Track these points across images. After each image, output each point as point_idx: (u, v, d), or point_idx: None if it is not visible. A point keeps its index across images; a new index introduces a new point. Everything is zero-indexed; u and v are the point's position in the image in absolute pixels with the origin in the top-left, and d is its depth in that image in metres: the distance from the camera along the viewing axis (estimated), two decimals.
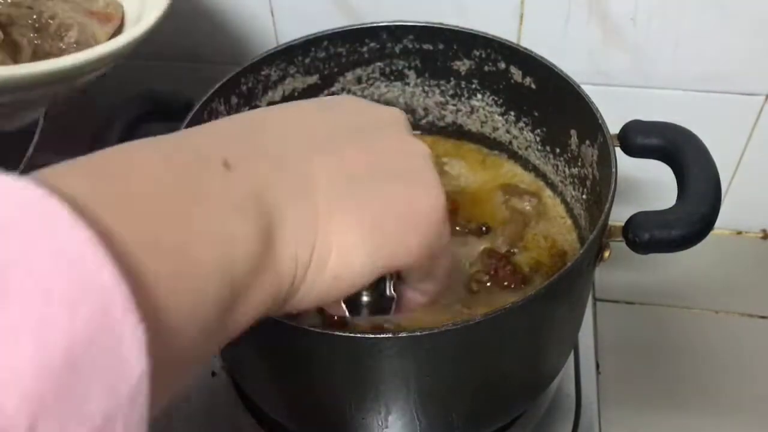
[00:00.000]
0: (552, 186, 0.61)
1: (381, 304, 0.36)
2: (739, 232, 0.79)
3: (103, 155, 0.24)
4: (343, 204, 0.28)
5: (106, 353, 0.17)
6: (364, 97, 0.64)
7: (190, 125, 0.52)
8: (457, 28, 0.58)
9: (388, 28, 0.59)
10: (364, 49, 0.60)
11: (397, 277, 0.36)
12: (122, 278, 0.18)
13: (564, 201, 0.60)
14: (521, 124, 0.61)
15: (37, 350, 0.15)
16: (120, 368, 0.17)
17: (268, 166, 0.27)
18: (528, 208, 0.59)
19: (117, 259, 0.18)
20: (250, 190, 0.26)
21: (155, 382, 0.18)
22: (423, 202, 0.31)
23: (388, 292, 0.36)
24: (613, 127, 0.50)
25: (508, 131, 0.63)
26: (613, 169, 0.47)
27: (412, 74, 0.62)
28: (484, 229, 0.57)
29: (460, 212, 0.59)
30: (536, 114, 0.60)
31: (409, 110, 0.65)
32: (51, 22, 0.48)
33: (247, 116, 0.32)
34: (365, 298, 0.36)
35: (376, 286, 0.35)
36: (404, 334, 0.39)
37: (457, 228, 0.56)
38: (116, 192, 0.22)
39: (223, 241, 0.24)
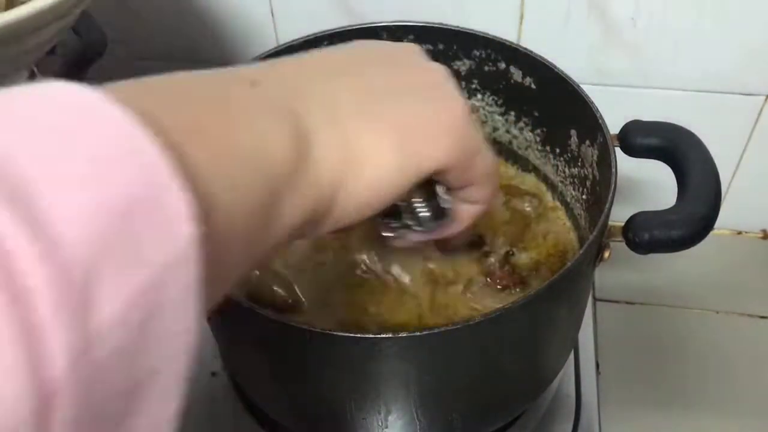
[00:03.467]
0: (552, 186, 0.61)
1: (440, 214, 0.37)
2: (739, 232, 0.79)
3: (135, 80, 0.25)
4: (371, 116, 0.29)
5: (156, 212, 0.18)
6: None
7: None
8: (457, 28, 0.58)
9: (388, 28, 0.59)
10: None
11: (446, 191, 0.36)
12: (166, 152, 0.19)
13: (564, 201, 0.60)
14: (521, 124, 0.61)
15: (95, 196, 0.17)
16: (168, 228, 0.18)
17: (291, 86, 0.28)
18: (528, 208, 0.59)
19: (160, 137, 0.19)
20: (278, 103, 0.27)
21: (204, 272, 0.19)
22: (444, 109, 0.32)
23: (442, 202, 0.36)
24: (613, 127, 0.50)
25: (508, 131, 0.63)
26: (613, 169, 0.47)
27: None
28: (477, 240, 0.56)
29: None
30: (536, 114, 0.60)
31: None
32: None
33: (265, 62, 0.32)
34: (424, 213, 0.36)
35: (430, 200, 0.36)
36: (404, 334, 0.39)
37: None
38: (158, 87, 0.24)
39: (257, 136, 0.25)
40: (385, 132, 0.30)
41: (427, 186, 0.34)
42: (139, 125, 0.19)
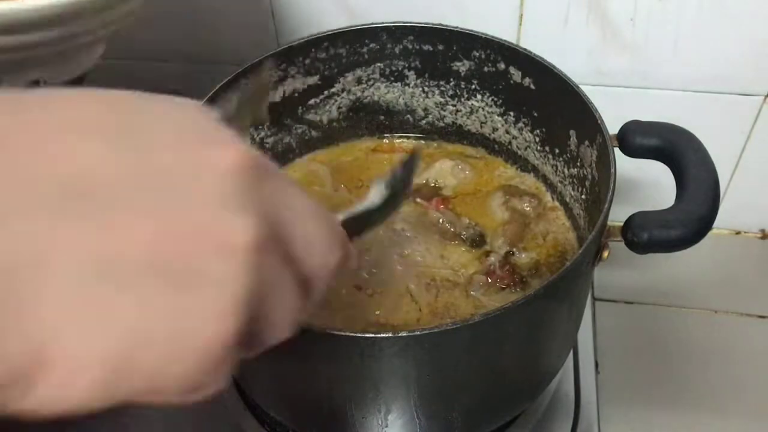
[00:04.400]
0: (551, 186, 0.61)
1: None
2: (738, 232, 0.79)
3: None
4: (86, 304, 0.19)
5: None
6: (365, 98, 0.64)
7: None
8: (456, 29, 0.58)
9: (388, 29, 0.60)
10: (364, 49, 0.60)
11: None
12: None
13: (563, 201, 0.60)
14: (521, 125, 0.61)
15: None
16: None
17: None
18: (528, 209, 0.59)
19: None
20: None
21: None
22: (203, 329, 0.21)
23: None
24: (612, 127, 0.50)
25: (507, 132, 0.63)
26: (612, 170, 0.47)
27: (411, 75, 0.63)
28: (479, 239, 0.57)
29: (459, 213, 0.59)
30: (536, 114, 0.60)
31: (409, 110, 0.65)
32: None
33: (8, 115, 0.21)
34: None
35: None
36: (404, 334, 0.39)
37: (455, 242, 0.56)
38: None
39: None
40: (101, 338, 0.20)
41: None
42: None
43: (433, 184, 0.62)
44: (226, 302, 0.21)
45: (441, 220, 0.57)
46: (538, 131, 0.60)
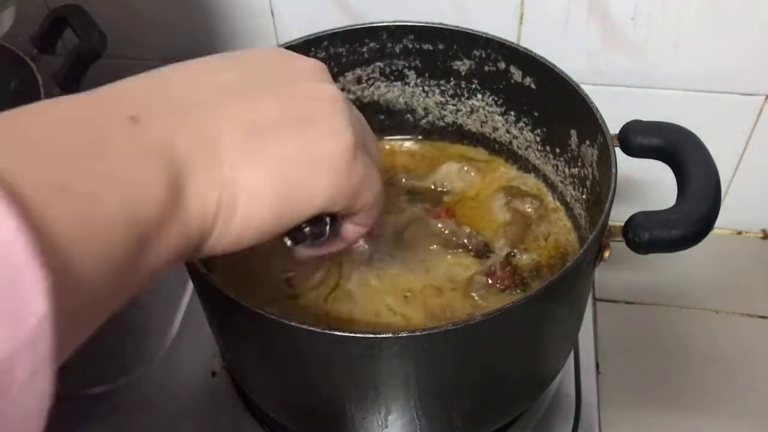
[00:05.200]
0: (552, 187, 0.61)
1: (324, 233, 0.36)
2: (739, 232, 0.79)
3: (12, 111, 0.24)
4: (249, 153, 0.29)
5: (10, 295, 0.18)
6: (364, 97, 0.64)
7: None
8: (457, 28, 0.58)
9: (388, 28, 0.59)
10: (364, 49, 0.60)
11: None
12: (24, 226, 0.18)
13: (564, 201, 0.60)
14: (521, 124, 0.61)
15: None
16: (20, 310, 0.18)
17: (174, 118, 0.28)
18: (529, 210, 0.59)
19: (19, 203, 0.19)
20: (157, 142, 0.26)
21: (67, 324, 0.20)
22: (327, 147, 0.31)
23: (328, 222, 0.35)
24: (613, 127, 0.50)
25: (508, 131, 0.63)
26: (613, 169, 0.47)
27: (412, 74, 0.62)
28: (483, 248, 0.56)
29: (461, 217, 0.59)
30: (536, 114, 0.60)
31: (409, 110, 0.65)
32: None
33: (155, 72, 0.31)
34: (309, 232, 0.35)
35: (316, 222, 0.35)
36: (404, 334, 0.39)
37: (460, 250, 0.56)
38: (21, 136, 0.22)
39: (128, 188, 0.24)
40: (261, 176, 0.29)
41: None
42: None
43: (440, 189, 0.61)
44: (337, 127, 0.32)
45: (444, 230, 0.57)
46: (538, 131, 0.60)
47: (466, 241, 0.56)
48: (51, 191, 0.21)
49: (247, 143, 0.29)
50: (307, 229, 0.34)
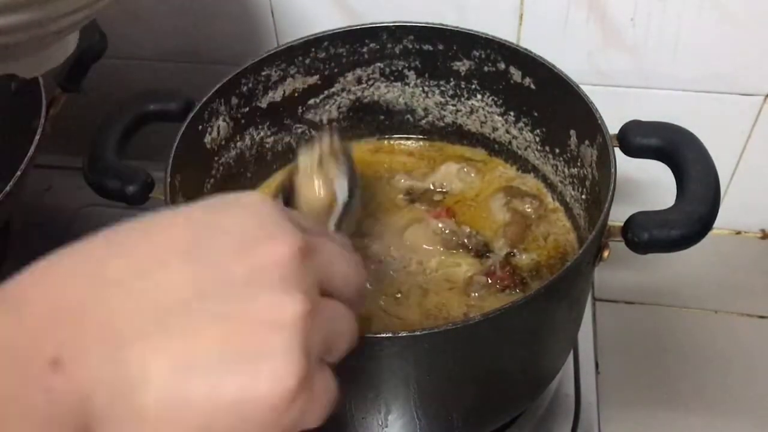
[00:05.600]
0: (552, 187, 0.61)
1: None
2: (738, 232, 0.79)
3: None
4: (174, 403, 0.26)
5: None
6: (364, 98, 0.64)
7: (190, 125, 0.53)
8: (456, 29, 0.58)
9: (388, 29, 0.60)
10: (364, 49, 0.60)
11: None
12: None
13: (563, 201, 0.60)
14: (521, 125, 0.61)
15: None
16: None
17: (99, 356, 0.26)
18: (529, 210, 0.59)
19: None
20: (74, 398, 0.25)
21: None
22: (260, 390, 0.27)
23: None
24: (613, 127, 0.50)
25: (507, 131, 0.63)
26: (613, 170, 0.47)
27: (412, 75, 0.63)
28: (483, 247, 0.56)
29: (461, 218, 0.59)
30: (536, 114, 0.60)
31: (409, 110, 0.65)
32: None
33: (103, 258, 0.28)
34: None
35: None
36: (404, 334, 0.39)
37: (460, 249, 0.56)
38: None
39: None
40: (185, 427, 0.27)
41: None
42: None
43: (439, 189, 0.62)
44: (281, 365, 0.27)
45: (444, 230, 0.57)
46: (538, 131, 0.60)
47: (466, 240, 0.56)
48: None
49: (174, 389, 0.26)
50: None
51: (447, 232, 0.57)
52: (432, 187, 0.62)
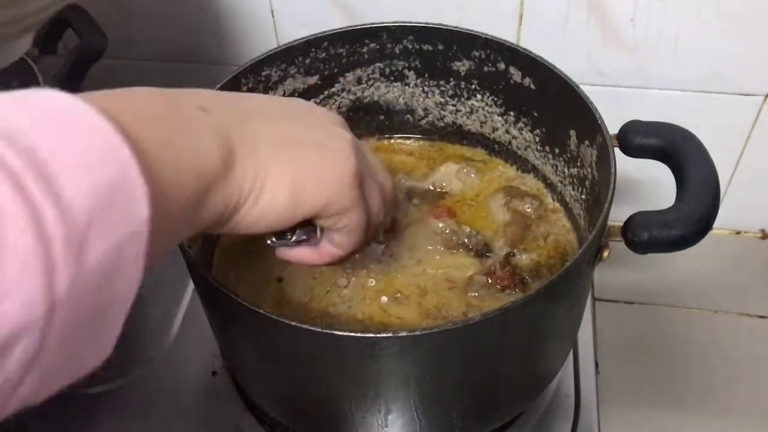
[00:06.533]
0: (551, 187, 0.61)
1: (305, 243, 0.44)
2: (738, 232, 0.79)
3: (109, 91, 0.32)
4: (278, 160, 0.37)
5: (127, 197, 0.26)
6: (365, 98, 0.64)
7: None
8: (456, 29, 0.58)
9: (388, 29, 0.60)
10: (364, 49, 0.60)
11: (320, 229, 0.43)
12: (135, 156, 0.27)
13: (563, 201, 0.60)
14: (521, 125, 0.61)
15: (90, 179, 0.25)
16: (133, 209, 0.27)
17: (231, 117, 0.37)
18: (529, 210, 0.59)
19: (133, 144, 0.27)
20: (218, 127, 0.35)
21: (153, 235, 0.27)
22: (334, 167, 0.40)
23: (313, 234, 0.43)
24: (612, 127, 0.50)
25: (507, 131, 0.63)
26: (612, 169, 0.47)
27: (411, 75, 0.63)
28: (483, 248, 0.56)
29: (461, 218, 0.59)
30: (536, 114, 0.60)
31: (409, 110, 0.65)
32: None
33: (212, 92, 0.41)
34: (293, 237, 0.42)
35: (304, 228, 0.42)
36: (404, 334, 0.39)
37: (460, 249, 0.56)
38: (133, 106, 0.32)
39: (199, 151, 0.33)
40: (285, 174, 0.37)
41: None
42: (119, 135, 0.27)
43: (439, 189, 0.62)
44: (343, 157, 0.40)
45: (444, 229, 0.57)
46: (538, 131, 0.60)
47: (466, 240, 0.56)
48: (154, 142, 0.30)
49: (277, 152, 0.38)
50: (292, 235, 0.42)
51: (447, 232, 0.57)
52: (432, 187, 0.62)
